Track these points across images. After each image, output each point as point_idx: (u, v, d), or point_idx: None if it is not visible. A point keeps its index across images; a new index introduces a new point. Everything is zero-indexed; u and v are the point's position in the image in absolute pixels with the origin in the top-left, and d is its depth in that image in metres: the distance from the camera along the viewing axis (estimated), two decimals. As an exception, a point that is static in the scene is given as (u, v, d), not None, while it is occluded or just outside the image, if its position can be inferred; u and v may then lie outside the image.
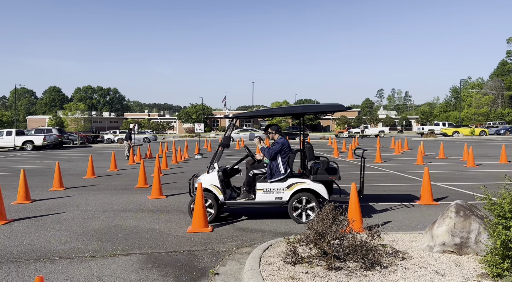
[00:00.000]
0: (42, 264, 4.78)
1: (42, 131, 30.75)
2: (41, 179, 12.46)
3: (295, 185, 6.49)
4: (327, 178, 6.51)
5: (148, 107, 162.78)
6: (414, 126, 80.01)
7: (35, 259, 4.98)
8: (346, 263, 4.02)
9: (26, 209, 8.03)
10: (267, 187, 6.54)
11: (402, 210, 7.43)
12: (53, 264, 4.77)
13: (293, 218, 6.55)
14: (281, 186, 6.51)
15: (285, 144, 6.66)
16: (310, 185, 6.45)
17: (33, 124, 72.20)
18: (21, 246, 5.50)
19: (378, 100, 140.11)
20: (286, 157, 6.66)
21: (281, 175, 6.58)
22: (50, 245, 5.57)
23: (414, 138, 39.82)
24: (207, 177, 6.70)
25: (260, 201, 6.57)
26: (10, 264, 4.80)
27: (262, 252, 4.71)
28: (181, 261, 4.85)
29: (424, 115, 77.95)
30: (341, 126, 66.07)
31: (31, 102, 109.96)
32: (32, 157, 22.56)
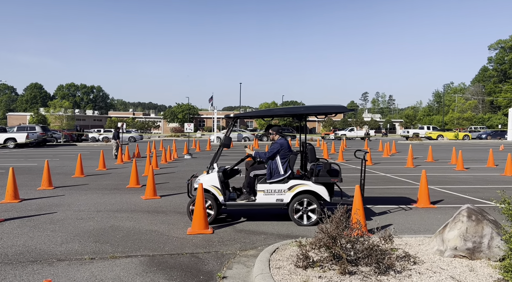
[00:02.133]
0: (40, 266, 4.57)
1: (25, 129, 29.91)
2: (28, 178, 12.08)
3: (296, 187, 6.41)
4: (329, 180, 6.46)
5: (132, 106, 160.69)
6: (398, 129, 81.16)
7: (32, 261, 4.76)
8: (359, 267, 3.96)
9: (16, 208, 7.73)
10: (268, 189, 6.45)
11: (401, 213, 7.44)
12: (52, 267, 4.57)
13: (294, 220, 6.47)
14: (282, 187, 6.42)
15: (284, 145, 6.59)
16: (312, 187, 6.38)
17: (13, 121, 70.25)
18: (15, 248, 5.26)
19: (363, 103, 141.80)
20: (286, 158, 6.58)
21: (281, 176, 6.51)
22: (45, 246, 5.35)
23: (400, 141, 40.37)
24: (206, 178, 6.59)
25: (261, 203, 6.48)
26: (6, 266, 4.58)
27: (270, 255, 4.61)
28: (185, 264, 4.71)
29: (408, 119, 79.17)
30: (327, 128, 66.45)
31: (11, 99, 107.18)
32: (15, 155, 21.90)
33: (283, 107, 7.22)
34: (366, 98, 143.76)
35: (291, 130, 43.48)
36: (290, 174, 6.56)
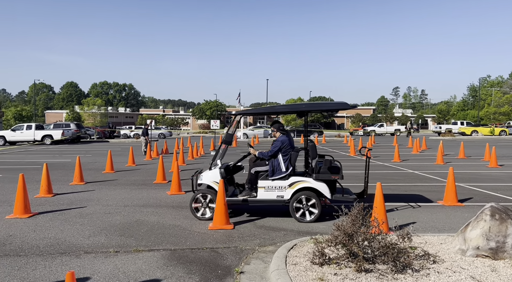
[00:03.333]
0: (68, 258, 4.81)
1: (60, 126, 31.26)
2: (62, 173, 12.63)
3: (297, 184, 6.43)
4: (329, 177, 6.43)
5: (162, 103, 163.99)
6: (431, 124, 78.67)
7: (61, 253, 5.02)
8: (375, 265, 3.93)
9: (49, 202, 8.13)
10: (268, 185, 6.51)
11: (426, 211, 7.26)
12: (79, 259, 4.80)
13: (294, 217, 6.49)
14: (283, 184, 6.46)
15: (285, 142, 6.61)
16: (313, 184, 6.38)
17: (51, 119, 73.44)
18: (46, 240, 5.56)
19: (394, 98, 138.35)
20: (287, 155, 6.61)
21: (282, 173, 6.54)
22: (74, 239, 5.62)
23: (431, 137, 39.15)
24: (209, 174, 6.71)
25: (262, 199, 6.55)
26: (37, 257, 4.85)
27: (287, 252, 4.64)
28: (205, 258, 4.82)
29: (441, 114, 76.56)
30: (356, 124, 65.33)
31: (49, 97, 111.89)
32: (51, 151, 22.93)
33: (285, 105, 7.29)
34: (397, 93, 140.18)
35: (318, 126, 43.06)
36: (291, 171, 6.58)
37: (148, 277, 4.24)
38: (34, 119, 54.16)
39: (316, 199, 6.37)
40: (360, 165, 14.75)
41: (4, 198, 8.63)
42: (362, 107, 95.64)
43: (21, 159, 17.96)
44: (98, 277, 4.21)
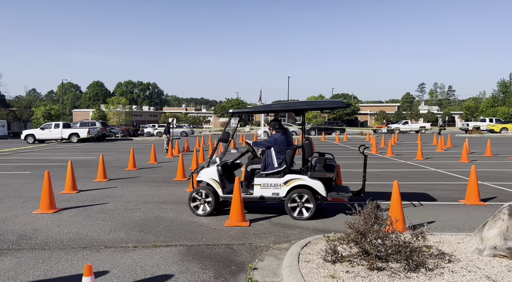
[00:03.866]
0: (89, 252, 5.00)
1: (86, 124, 32.21)
2: (86, 170, 13.05)
3: (292, 181, 6.50)
4: (324, 175, 6.46)
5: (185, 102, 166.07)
6: (458, 122, 76.45)
7: (83, 247, 5.22)
8: (388, 263, 3.90)
9: (73, 198, 8.43)
10: (264, 182, 6.61)
11: (447, 209, 7.12)
12: (99, 253, 4.98)
13: (289, 214, 6.55)
14: (278, 181, 6.54)
15: (278, 140, 6.71)
16: (307, 181, 6.43)
17: (78, 117, 75.73)
18: (69, 234, 5.79)
19: (419, 95, 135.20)
20: (281, 152, 6.69)
21: (274, 168, 6.65)
22: (95, 234, 5.82)
23: (458, 135, 38.05)
24: (207, 171, 6.87)
25: (257, 196, 6.66)
26: (60, 251, 5.06)
27: (301, 249, 4.67)
28: (219, 254, 4.91)
29: (469, 111, 74.26)
30: (380, 121, 64.25)
31: (76, 96, 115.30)
32: (77, 149, 23.67)
33: (282, 103, 7.38)
34: (423, 90, 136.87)
35: (340, 123, 42.61)
36: (285, 168, 6.65)
37: (163, 271, 4.36)
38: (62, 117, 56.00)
39: (311, 197, 6.42)
40: (383, 163, 14.54)
41: (32, 194, 9.01)
42: (386, 104, 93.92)
43: (48, 156, 18.64)
44: (117, 271, 4.36)
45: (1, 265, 4.55)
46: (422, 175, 11.41)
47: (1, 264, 4.58)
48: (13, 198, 8.48)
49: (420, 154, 15.88)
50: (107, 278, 4.17)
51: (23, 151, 22.28)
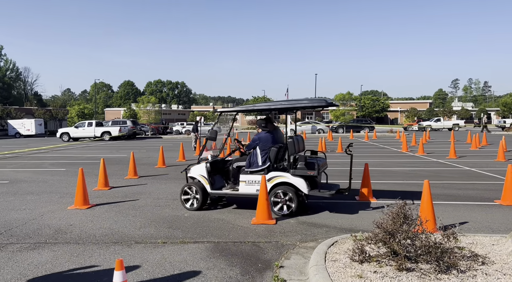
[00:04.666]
0: (120, 248, 5.16)
1: (118, 123, 33.17)
2: (118, 168, 13.45)
3: (275, 178, 6.65)
4: (305, 172, 6.53)
5: (212, 100, 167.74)
6: (494, 119, 73.26)
7: (114, 242, 5.40)
8: (418, 264, 3.81)
9: (106, 195, 8.72)
10: (249, 179, 6.80)
11: (481, 210, 6.86)
12: (130, 248, 5.14)
13: (271, 210, 6.61)
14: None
15: (262, 139, 6.86)
16: (290, 179, 6.55)
17: (110, 116, 78.02)
18: (102, 230, 6.00)
19: (453, 91, 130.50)
20: (265, 151, 6.82)
21: (259, 166, 6.81)
22: (126, 229, 6.00)
23: (494, 132, 36.49)
24: (196, 168, 7.20)
25: (243, 193, 6.87)
26: (93, 246, 5.26)
27: (328, 248, 4.64)
28: (246, 252, 4.95)
29: (506, 107, 70.94)
30: (411, 119, 62.51)
31: (108, 96, 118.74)
32: (109, 146, 24.43)
33: (266, 102, 7.60)
34: (457, 86, 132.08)
35: (369, 121, 41.82)
36: (269, 165, 6.77)
37: (191, 267, 4.45)
38: (95, 116, 57.88)
39: (292, 193, 6.51)
40: (413, 162, 14.18)
41: (67, 190, 9.39)
42: (418, 101, 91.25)
43: (82, 154, 19.34)
44: (146, 266, 4.49)
45: (39, 258, 4.78)
46: (455, 174, 11.03)
47: (39, 257, 4.82)
48: (50, 194, 8.87)
49: (453, 152, 15.35)
50: (137, 272, 4.30)
51: (59, 148, 23.23)
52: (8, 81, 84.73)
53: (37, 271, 4.37)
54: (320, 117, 75.02)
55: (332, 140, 27.39)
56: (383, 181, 10.01)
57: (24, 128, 41.34)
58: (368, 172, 7.83)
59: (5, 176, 11.72)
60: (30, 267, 4.48)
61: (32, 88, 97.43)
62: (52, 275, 4.26)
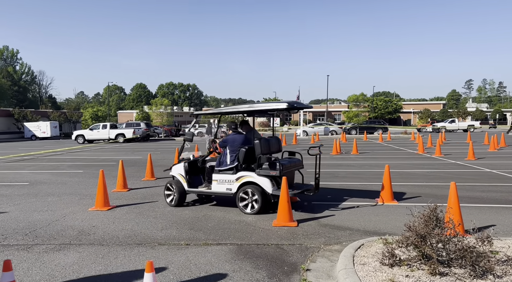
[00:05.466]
0: (144, 249, 5.16)
1: (132, 125, 33.45)
2: (134, 169, 13.53)
3: (242, 178, 7.01)
4: (268, 173, 6.78)
5: (223, 102, 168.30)
6: (510, 120, 71.93)
7: (138, 244, 5.40)
8: (451, 269, 3.72)
9: (125, 197, 8.76)
10: (220, 179, 7.23)
11: (508, 213, 6.70)
12: (154, 250, 5.14)
13: (239, 208, 7.03)
14: (231, 178, 7.11)
15: (229, 141, 7.30)
16: (255, 178, 6.86)
17: (122, 118, 78.83)
18: (124, 231, 6.01)
19: (466, 92, 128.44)
20: (234, 151, 7.20)
21: (227, 165, 7.23)
22: (148, 231, 6.01)
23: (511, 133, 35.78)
24: (176, 167, 7.74)
25: (215, 191, 7.33)
26: (117, 247, 5.27)
27: (355, 251, 4.56)
28: (270, 254, 4.90)
29: (523, 108, 69.63)
30: (424, 120, 61.75)
31: (121, 98, 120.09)
32: (124, 148, 24.63)
33: (232, 106, 8.04)
34: (471, 86, 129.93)
35: (382, 122, 41.43)
36: (237, 165, 7.17)
37: (217, 270, 4.42)
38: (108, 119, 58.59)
39: (258, 193, 6.80)
40: (430, 164, 13.97)
41: (86, 192, 9.46)
42: (431, 102, 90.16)
43: (97, 156, 19.54)
44: (172, 268, 4.47)
45: (66, 259, 4.81)
46: (476, 176, 10.82)
47: (66, 258, 4.84)
48: (70, 196, 8.95)
49: (472, 154, 15.08)
50: (164, 274, 4.28)
51: (74, 150, 23.51)
52: (24, 84, 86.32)
53: (65, 272, 4.39)
54: (332, 118, 74.61)
55: (346, 142, 27.17)
56: (402, 183, 9.86)
57: (39, 131, 41.97)
58: (389, 174, 7.72)
59: (25, 178, 11.88)
60: (57, 268, 4.51)
61: (46, 91, 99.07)
62: (80, 277, 4.27)
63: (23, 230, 6.11)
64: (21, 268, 4.50)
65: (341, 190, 9.18)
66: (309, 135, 36.60)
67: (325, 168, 13.35)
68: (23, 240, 5.58)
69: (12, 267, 3.25)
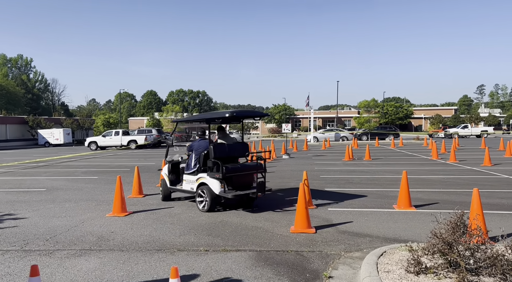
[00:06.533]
0: (164, 255, 5.16)
1: (143, 132, 33.72)
2: (148, 176, 13.60)
3: (199, 179, 7.82)
4: (214, 175, 7.49)
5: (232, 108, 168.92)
6: (524, 125, 70.69)
7: (157, 249, 5.41)
8: (480, 277, 3.64)
9: (141, 202, 8.80)
10: (187, 179, 8.24)
11: (530, 220, 6.55)
12: (173, 256, 5.13)
13: (197, 206, 7.88)
14: (193, 179, 8.01)
15: (194, 146, 8.26)
16: (207, 180, 7.60)
17: (133, 125, 79.52)
18: (143, 237, 6.03)
19: (478, 97, 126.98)
20: (197, 156, 8.17)
21: (191, 169, 8.21)
22: (167, 237, 6.02)
23: (526, 139, 35.20)
24: (164, 168, 8.90)
25: (184, 189, 8.31)
26: (137, 253, 5.28)
27: (378, 259, 4.50)
28: (291, 261, 4.86)
29: (537, 113, 68.50)
30: (436, 126, 61.11)
31: (132, 105, 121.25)
32: (136, 155, 24.81)
33: (199, 114, 9.00)
34: (483, 92, 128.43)
35: (393, 128, 41.11)
36: (198, 168, 8.08)
37: (238, 276, 4.40)
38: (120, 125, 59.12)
39: (207, 192, 7.55)
40: (446, 170, 13.79)
41: (102, 198, 9.53)
42: (442, 107, 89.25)
43: (111, 162, 19.70)
44: (194, 274, 4.46)
45: (87, 264, 4.83)
46: (494, 183, 10.64)
47: (87, 263, 4.87)
48: (87, 202, 9.02)
49: (488, 160, 14.85)
50: (186, 281, 4.27)
51: (87, 157, 23.75)
52: (37, 92, 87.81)
53: (88, 278, 4.40)
54: (341, 124, 74.27)
55: (358, 148, 27.00)
56: (419, 189, 9.74)
57: (53, 138, 42.54)
58: (407, 181, 7.63)
59: (42, 184, 12.03)
60: (80, 273, 4.53)
61: (59, 98, 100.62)
62: (102, 282, 4.29)
63: (43, 236, 6.16)
64: (45, 273, 4.53)
65: (357, 196, 9.10)
66: (320, 141, 36.47)
67: (339, 174, 13.27)
68: (44, 246, 5.63)
69: (39, 272, 3.28)
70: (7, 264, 4.88)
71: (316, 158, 19.70)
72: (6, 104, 67.64)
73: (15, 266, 4.83)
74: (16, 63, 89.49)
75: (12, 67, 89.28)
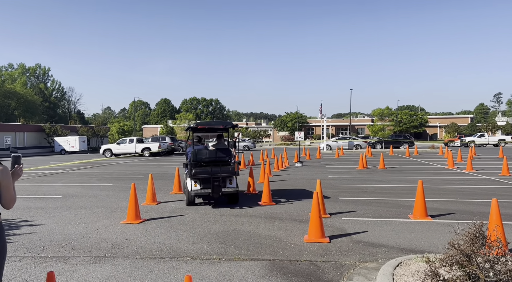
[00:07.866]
0: (177, 263, 5.17)
1: (157, 139, 34.05)
2: (162, 183, 13.69)
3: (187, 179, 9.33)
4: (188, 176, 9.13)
5: (245, 116, 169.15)
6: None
7: (171, 257, 5.41)
8: (500, 290, 3.53)
9: (154, 210, 8.85)
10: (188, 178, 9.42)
11: (552, 232, 6.35)
12: (187, 264, 5.13)
13: None
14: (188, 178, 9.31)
15: (190, 150, 9.45)
16: (187, 179, 9.26)
17: (147, 133, 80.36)
18: (156, 245, 6.05)
19: (495, 106, 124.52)
20: (188, 159, 9.35)
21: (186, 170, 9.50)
22: (180, 245, 6.02)
23: (546, 148, 34.30)
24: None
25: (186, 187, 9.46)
26: (151, 260, 5.30)
27: (393, 269, 4.42)
28: (305, 271, 4.81)
29: (556, 121, 66.81)
30: (451, 134, 60.11)
31: (146, 113, 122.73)
32: (150, 162, 25.02)
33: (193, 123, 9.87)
34: (500, 100, 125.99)
35: (408, 136, 40.59)
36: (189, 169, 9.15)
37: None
38: (134, 133, 59.85)
39: (186, 190, 9.22)
40: (463, 180, 13.52)
41: (116, 205, 9.62)
42: (458, 116, 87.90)
43: (125, 170, 19.91)
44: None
45: (102, 271, 4.87)
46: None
47: (102, 270, 4.90)
48: (102, 209, 9.12)
49: (506, 169, 14.52)
50: (199, 289, 4.26)
51: (102, 164, 24.06)
52: (54, 100, 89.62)
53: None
54: (355, 132, 73.69)
55: (372, 156, 26.71)
56: (434, 199, 9.57)
57: (69, 145, 43.27)
58: (423, 190, 7.50)
59: (57, 191, 12.21)
60: (95, 280, 4.56)
61: (75, 106, 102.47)
62: (116, 290, 4.30)
63: (59, 242, 6.24)
64: (60, 280, 4.58)
65: (372, 205, 8.98)
66: (333, 149, 36.22)
67: (353, 183, 13.13)
68: (60, 252, 5.70)
69: (55, 279, 3.31)
70: (24, 270, 4.95)
71: (330, 167, 19.55)
72: (24, 112, 69.23)
73: (31, 272, 4.89)
74: (34, 72, 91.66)
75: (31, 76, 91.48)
